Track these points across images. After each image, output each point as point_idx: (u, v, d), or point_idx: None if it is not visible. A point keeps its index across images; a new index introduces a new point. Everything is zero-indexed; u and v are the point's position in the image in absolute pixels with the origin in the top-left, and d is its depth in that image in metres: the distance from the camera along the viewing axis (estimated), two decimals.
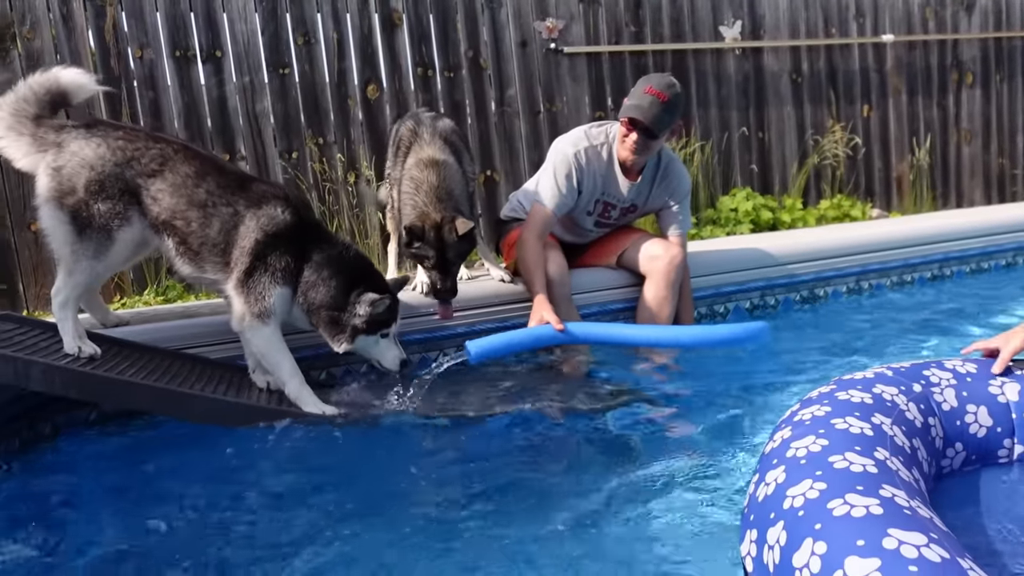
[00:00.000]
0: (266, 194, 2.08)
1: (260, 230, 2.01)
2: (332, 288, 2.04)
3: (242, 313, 2.03)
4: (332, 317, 2.05)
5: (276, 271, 2.02)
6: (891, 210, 5.75)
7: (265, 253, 2.00)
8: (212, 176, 2.05)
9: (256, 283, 2.00)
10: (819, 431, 1.35)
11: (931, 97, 5.85)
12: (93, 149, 1.98)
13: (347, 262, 2.09)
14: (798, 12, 5.33)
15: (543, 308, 2.46)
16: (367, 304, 2.03)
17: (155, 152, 2.03)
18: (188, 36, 3.85)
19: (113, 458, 2.02)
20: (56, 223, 1.98)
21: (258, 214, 2.02)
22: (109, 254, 2.02)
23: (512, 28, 4.54)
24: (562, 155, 2.65)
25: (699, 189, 4.98)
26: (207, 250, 2.04)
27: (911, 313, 3.13)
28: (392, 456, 1.97)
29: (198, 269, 2.08)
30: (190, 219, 2.02)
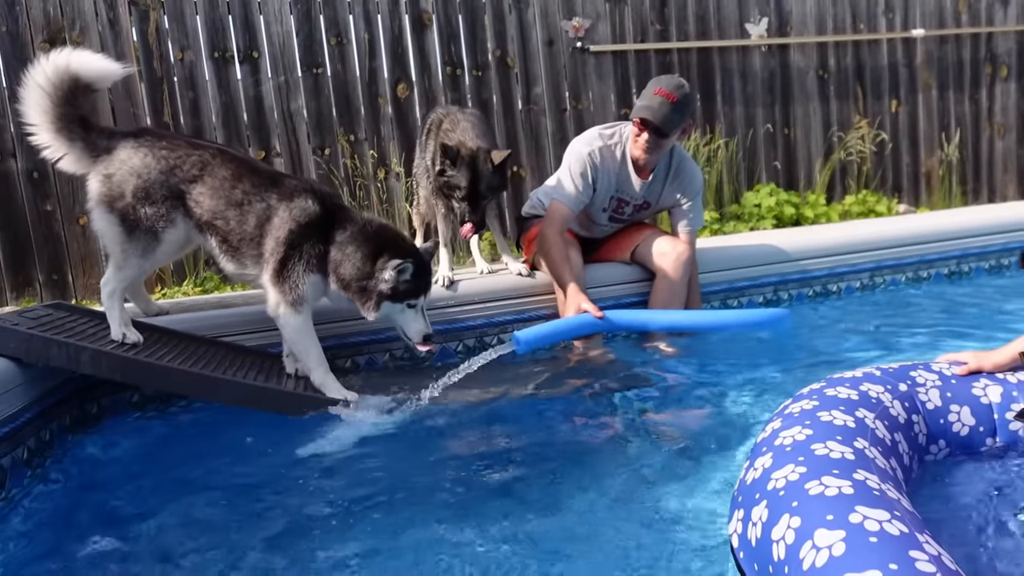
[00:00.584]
0: (297, 188, 2.22)
1: (293, 220, 2.15)
2: (358, 260, 2.14)
3: (276, 302, 2.17)
4: (361, 286, 2.14)
5: (309, 258, 2.15)
6: (919, 206, 5.71)
7: (298, 242, 2.14)
8: (247, 176, 2.21)
9: (290, 272, 2.13)
10: (805, 422, 1.45)
11: (963, 91, 5.78)
12: (140, 158, 2.16)
13: (370, 234, 2.19)
14: (825, 8, 5.32)
15: (579, 298, 2.58)
16: (392, 269, 2.10)
17: (195, 159, 2.20)
18: (226, 38, 4.04)
19: (150, 439, 2.20)
20: (107, 225, 2.17)
21: (290, 206, 2.17)
22: (156, 253, 2.20)
23: (539, 27, 4.63)
24: (577, 155, 2.76)
25: (723, 185, 5.03)
26: (245, 245, 2.19)
27: (922, 310, 3.15)
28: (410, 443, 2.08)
29: (240, 266, 2.24)
30: (229, 218, 2.18)
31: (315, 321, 2.53)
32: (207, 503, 1.78)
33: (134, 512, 1.74)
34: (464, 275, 2.97)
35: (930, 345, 2.62)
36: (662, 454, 1.91)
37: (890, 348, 2.64)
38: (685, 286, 2.85)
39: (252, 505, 1.76)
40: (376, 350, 2.70)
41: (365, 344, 2.66)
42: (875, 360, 2.49)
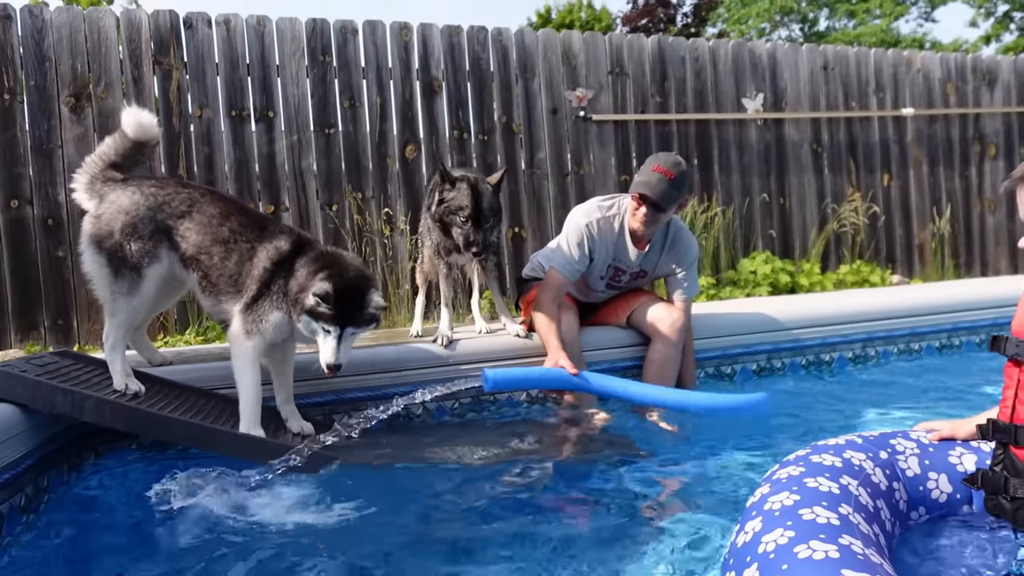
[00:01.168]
0: (277, 231, 2.32)
1: (268, 260, 2.24)
2: (302, 277, 2.19)
3: (236, 328, 2.24)
4: (295, 298, 2.17)
5: (277, 295, 2.22)
6: (913, 277, 5.82)
7: (269, 280, 2.22)
8: (235, 216, 2.31)
9: (258, 307, 2.21)
10: (792, 488, 1.50)
11: (953, 168, 5.97)
12: (129, 196, 2.27)
13: (323, 257, 2.24)
14: (818, 87, 5.54)
15: (558, 355, 2.65)
16: (313, 292, 2.09)
17: (184, 196, 2.32)
18: (244, 98, 4.22)
19: (144, 485, 2.22)
20: (96, 265, 2.25)
21: (267, 247, 2.26)
22: (141, 289, 2.27)
23: (544, 96, 4.83)
24: (575, 225, 2.87)
25: (720, 251, 5.15)
26: (224, 281, 2.27)
27: (913, 382, 3.20)
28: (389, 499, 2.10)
29: (216, 301, 2.31)
30: (213, 254, 2.27)
31: (313, 377, 2.59)
32: (192, 555, 1.79)
33: (124, 560, 1.76)
34: (463, 334, 3.03)
35: (914, 416, 2.66)
36: (650, 519, 1.93)
37: (877, 418, 2.69)
38: (680, 352, 2.91)
39: (238, 556, 1.78)
40: (373, 407, 2.74)
41: (362, 400, 2.70)
42: (861, 428, 2.53)
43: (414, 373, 2.78)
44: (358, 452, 2.26)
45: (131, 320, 2.32)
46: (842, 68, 5.61)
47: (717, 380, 3.30)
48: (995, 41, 18.98)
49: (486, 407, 2.93)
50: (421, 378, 2.77)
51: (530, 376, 2.60)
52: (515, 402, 2.98)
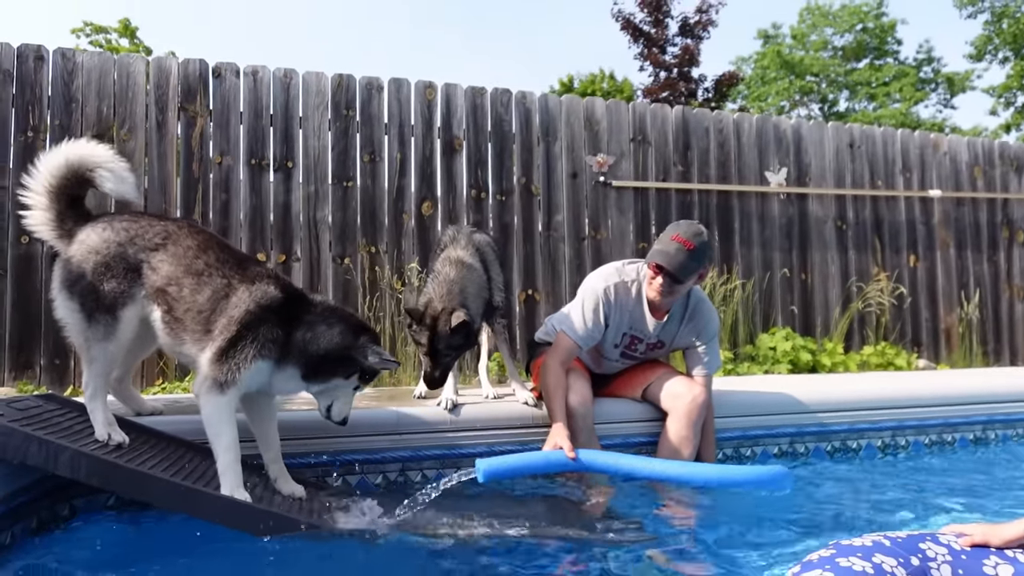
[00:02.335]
0: (261, 273, 2.18)
1: (253, 301, 2.08)
2: (335, 335, 2.12)
3: (206, 377, 2.05)
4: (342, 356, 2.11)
5: (264, 343, 2.07)
6: (939, 362, 5.61)
7: (255, 325, 2.06)
8: (213, 251, 2.17)
9: (237, 353, 2.03)
10: None
11: (981, 252, 5.83)
12: (99, 234, 2.14)
13: (339, 313, 2.20)
14: (844, 163, 5.49)
15: (559, 435, 2.48)
16: (378, 355, 2.12)
17: (159, 228, 2.18)
18: (265, 147, 4.22)
19: (122, 547, 2.06)
20: (68, 311, 2.12)
21: (251, 288, 2.10)
22: (117, 334, 2.12)
23: (564, 160, 4.80)
24: (592, 290, 2.74)
25: (739, 325, 5.00)
26: (191, 317, 2.10)
27: (944, 477, 2.98)
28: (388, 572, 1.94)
29: (177, 340, 2.13)
30: (183, 285, 2.11)
31: (306, 436, 2.44)
32: None
33: None
34: (469, 398, 2.88)
35: (946, 514, 2.45)
36: None
37: (906, 514, 2.47)
38: (699, 431, 2.74)
39: None
40: (369, 470, 2.58)
41: (358, 463, 2.54)
42: (888, 524, 2.32)
43: (414, 438, 2.63)
44: (344, 520, 2.09)
45: (110, 366, 2.19)
46: (868, 147, 5.57)
47: (736, 463, 3.09)
48: (1015, 130, 19.11)
49: None
50: (421, 443, 2.61)
51: (527, 464, 2.42)
52: None
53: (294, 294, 2.19)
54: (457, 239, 2.83)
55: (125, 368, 2.47)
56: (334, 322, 2.15)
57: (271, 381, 2.13)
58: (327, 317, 2.16)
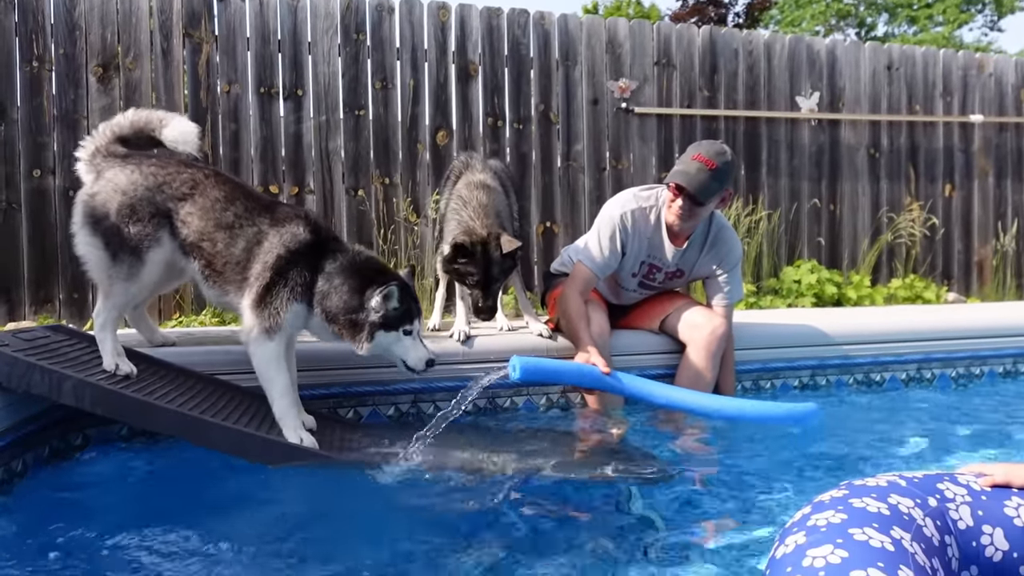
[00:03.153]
0: (289, 215, 2.14)
1: (283, 246, 2.06)
2: (345, 292, 2.05)
3: (251, 326, 2.06)
4: (351, 320, 2.04)
5: (295, 287, 2.05)
6: (970, 295, 5.44)
7: (286, 269, 2.05)
8: (240, 200, 2.13)
9: (274, 298, 2.03)
10: (837, 540, 1.25)
11: (1021, 181, 5.56)
12: (127, 175, 2.10)
13: (358, 266, 2.10)
14: (880, 87, 5.20)
15: (590, 352, 2.43)
16: (378, 296, 2.01)
17: (186, 177, 2.14)
18: (274, 74, 4.08)
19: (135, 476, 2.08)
20: (91, 248, 2.10)
21: (281, 232, 2.08)
22: (141, 275, 2.11)
23: (585, 86, 4.60)
24: (608, 216, 2.64)
25: (763, 258, 4.86)
26: (230, 269, 2.10)
27: (972, 412, 2.90)
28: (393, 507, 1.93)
29: (221, 292, 2.14)
30: (216, 240, 2.09)
31: (319, 367, 2.42)
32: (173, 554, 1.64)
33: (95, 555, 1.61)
34: (482, 330, 2.84)
35: (971, 451, 2.38)
36: (667, 554, 1.71)
37: (929, 450, 2.41)
38: (717, 363, 2.67)
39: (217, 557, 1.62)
40: (381, 402, 2.57)
41: (370, 395, 2.53)
42: (912, 461, 2.26)
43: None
44: (362, 453, 2.09)
45: (128, 304, 2.19)
46: (907, 69, 5.26)
47: (756, 395, 3.04)
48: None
49: (501, 410, 2.73)
50: (433, 375, 2.57)
51: (560, 370, 2.39)
52: (532, 406, 2.77)
53: (324, 236, 2.14)
54: (472, 164, 2.74)
55: (143, 301, 2.46)
56: (347, 278, 2.07)
57: (313, 326, 2.12)
58: (343, 268, 2.09)
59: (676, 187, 2.48)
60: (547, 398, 2.78)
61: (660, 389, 2.41)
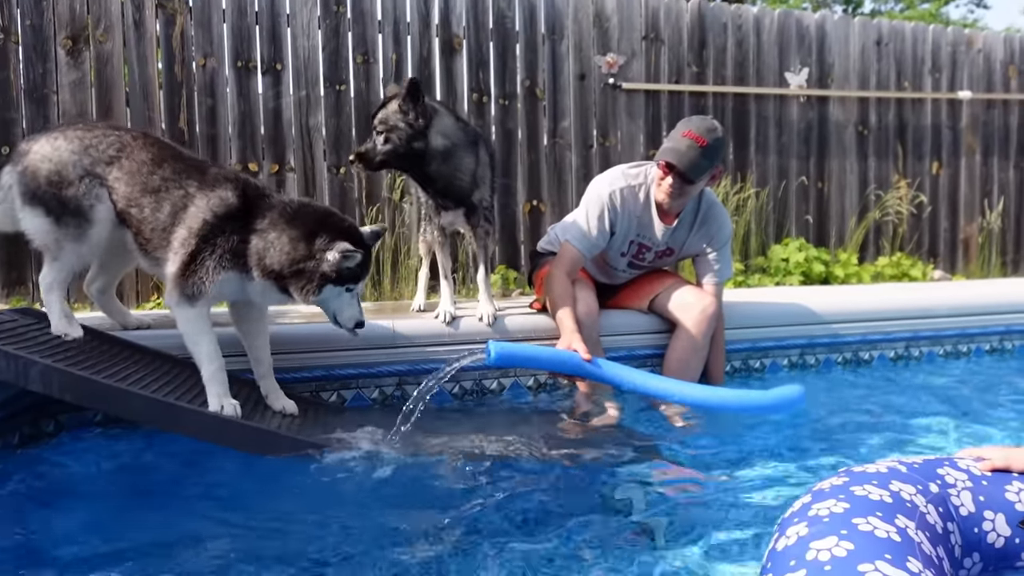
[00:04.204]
0: (219, 177, 2.04)
1: (210, 211, 1.97)
2: (287, 244, 1.95)
3: (176, 295, 1.98)
4: (297, 270, 1.95)
5: (223, 255, 1.96)
6: (955, 272, 5.45)
7: (213, 236, 1.96)
8: (168, 163, 2.04)
9: (199, 267, 1.95)
10: (841, 532, 1.20)
11: (1008, 158, 5.56)
12: (51, 144, 2.05)
13: (296, 214, 2.01)
14: (869, 63, 5.15)
15: (573, 337, 2.37)
16: (338, 252, 1.93)
17: (113, 139, 2.07)
18: (251, 48, 3.95)
19: (108, 464, 2.01)
20: (31, 218, 2.03)
21: (209, 196, 1.99)
22: (89, 235, 2.04)
23: (571, 61, 4.51)
24: (596, 195, 2.58)
25: (751, 236, 4.83)
26: (158, 236, 2.01)
27: (960, 390, 2.90)
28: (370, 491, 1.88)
29: (154, 261, 2.06)
30: (143, 206, 2.01)
31: (300, 350, 2.36)
32: (155, 542, 1.58)
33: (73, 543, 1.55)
34: (469, 310, 2.77)
35: (961, 431, 2.37)
36: (652, 537, 1.68)
37: (921, 431, 2.39)
38: (708, 343, 2.63)
39: (198, 548, 1.57)
40: (365, 384, 2.51)
41: (353, 378, 2.47)
42: (903, 441, 2.25)
43: (411, 351, 2.54)
44: (345, 440, 2.03)
45: (73, 265, 2.10)
46: (896, 44, 5.21)
47: (745, 375, 3.02)
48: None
49: (488, 393, 2.69)
50: (418, 357, 2.53)
51: (538, 356, 2.32)
52: (520, 389, 2.73)
53: (254, 197, 2.02)
54: None
55: (108, 280, 2.38)
56: (285, 229, 1.97)
57: (248, 292, 2.03)
58: (279, 222, 1.98)
59: (666, 165, 2.42)
60: (535, 379, 2.74)
61: (642, 378, 2.35)
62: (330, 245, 1.94)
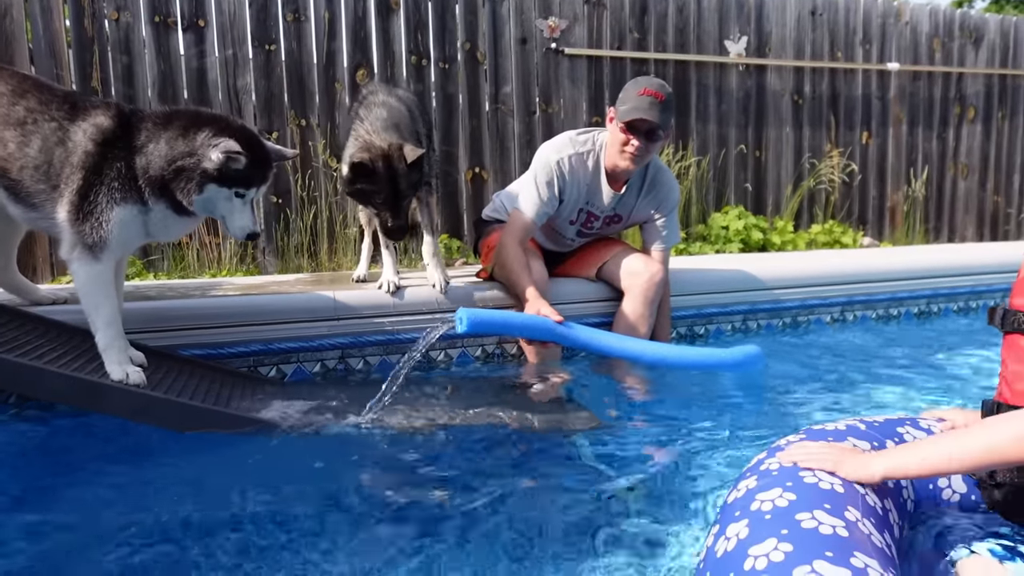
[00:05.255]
0: (90, 105, 1.85)
1: (90, 141, 1.77)
2: (165, 145, 1.78)
3: (72, 243, 1.79)
4: (178, 168, 1.76)
5: (113, 184, 1.76)
6: (882, 240, 5.66)
7: (99, 166, 1.75)
8: (32, 93, 1.83)
9: (93, 204, 1.75)
10: (787, 483, 1.23)
11: (931, 129, 5.77)
12: None
13: (175, 117, 1.84)
14: (805, 32, 5.22)
15: (539, 303, 2.33)
16: (220, 151, 1.75)
17: None
18: (170, 2, 3.68)
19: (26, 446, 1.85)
20: None
21: (83, 125, 1.79)
22: None
23: (513, 24, 4.39)
24: (544, 162, 2.51)
25: (691, 204, 4.87)
26: (30, 176, 1.80)
27: (892, 349, 3.01)
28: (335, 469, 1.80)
29: (29, 207, 1.85)
30: (7, 140, 1.79)
31: (236, 323, 2.23)
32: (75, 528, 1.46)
33: None
34: (414, 280, 2.68)
35: (899, 389, 2.45)
36: (612, 508, 1.66)
37: (864, 390, 2.46)
38: (655, 310, 2.63)
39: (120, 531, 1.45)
40: (307, 358, 2.39)
41: (294, 351, 2.35)
42: (852, 402, 2.30)
43: (355, 323, 2.44)
44: (279, 415, 1.92)
45: None
46: (830, 15, 5.29)
47: (690, 340, 3.04)
48: (968, 5, 18.90)
49: (433, 362, 2.61)
50: (362, 329, 2.43)
51: (510, 321, 2.26)
52: (467, 359, 2.67)
53: (131, 117, 1.83)
54: (376, 90, 2.49)
55: (5, 255, 2.16)
56: (161, 132, 1.79)
57: (147, 227, 1.84)
58: (156, 130, 1.79)
59: (632, 125, 2.37)
60: (482, 350, 2.68)
61: (610, 339, 2.35)
62: (213, 141, 1.76)
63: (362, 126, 2.28)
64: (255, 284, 2.70)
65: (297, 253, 3.94)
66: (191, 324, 2.18)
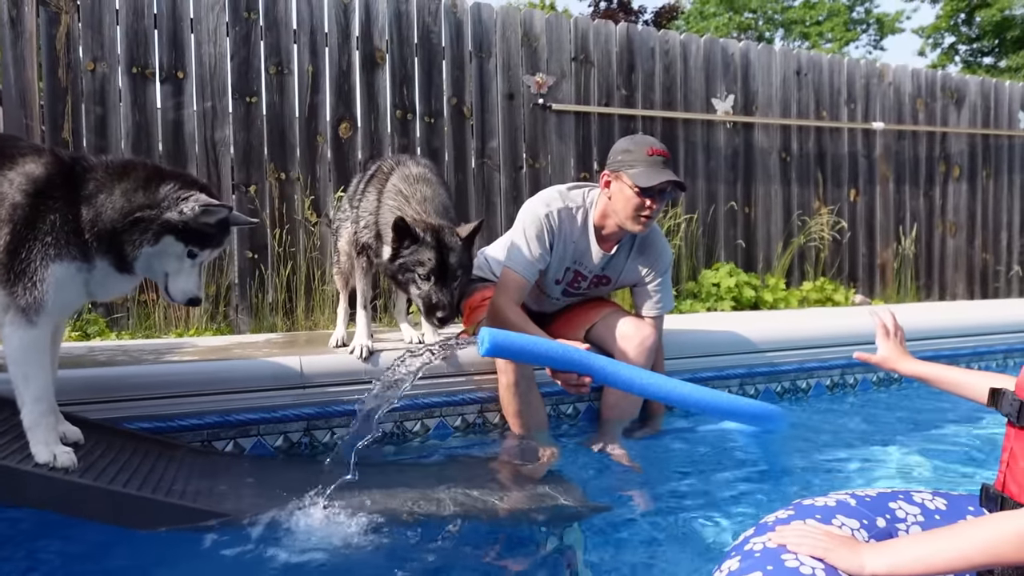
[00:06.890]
0: (24, 151, 1.67)
1: (19, 192, 1.59)
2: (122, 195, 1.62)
3: (4, 304, 1.60)
4: (135, 219, 1.61)
5: (47, 242, 1.59)
6: (874, 297, 5.58)
7: (31, 220, 1.58)
8: None
9: (25, 263, 1.57)
10: (767, 567, 1.12)
11: (918, 187, 5.77)
12: None
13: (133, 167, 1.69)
14: (791, 91, 5.24)
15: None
16: (196, 203, 1.62)
17: None
18: (148, 53, 3.60)
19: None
20: None
21: (10, 175, 1.60)
22: None
23: (500, 79, 4.35)
24: (533, 215, 2.38)
25: (682, 261, 4.77)
26: None
27: (894, 414, 2.87)
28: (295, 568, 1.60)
29: None
30: None
31: (190, 392, 2.04)
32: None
33: None
34: (389, 343, 2.51)
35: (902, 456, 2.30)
36: None
37: (860, 462, 2.31)
38: None
39: None
40: (268, 431, 2.20)
41: (254, 423, 2.16)
42: (846, 472, 2.14)
43: (323, 392, 2.25)
44: (233, 500, 1.72)
45: None
46: (815, 75, 5.33)
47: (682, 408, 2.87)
48: (941, 70, 19.49)
49: (409, 437, 2.42)
50: (330, 398, 2.24)
51: (537, 347, 1.98)
52: (446, 430, 2.47)
53: (71, 166, 1.67)
54: (404, 160, 2.36)
55: None
56: (116, 183, 1.64)
57: (91, 288, 1.67)
58: (108, 180, 1.64)
59: (650, 190, 2.25)
60: (462, 419, 2.49)
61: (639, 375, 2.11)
62: (182, 193, 1.63)
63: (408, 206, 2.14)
64: (219, 346, 2.52)
65: (272, 311, 3.77)
66: (139, 394, 1.98)
